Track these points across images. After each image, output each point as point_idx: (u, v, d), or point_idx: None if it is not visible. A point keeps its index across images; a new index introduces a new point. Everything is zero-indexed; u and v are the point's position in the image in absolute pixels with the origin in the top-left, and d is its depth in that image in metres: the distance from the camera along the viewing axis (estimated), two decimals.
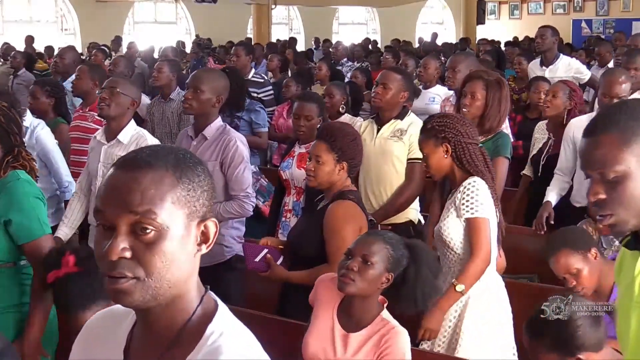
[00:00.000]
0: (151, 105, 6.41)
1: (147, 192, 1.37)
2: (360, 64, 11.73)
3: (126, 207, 1.37)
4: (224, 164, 4.12)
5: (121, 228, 1.37)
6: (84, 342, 1.59)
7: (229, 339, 1.40)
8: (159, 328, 1.44)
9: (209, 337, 1.40)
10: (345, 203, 3.46)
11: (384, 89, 4.64)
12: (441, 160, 3.45)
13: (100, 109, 4.23)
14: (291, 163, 4.72)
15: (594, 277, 3.24)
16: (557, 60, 7.18)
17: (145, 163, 1.40)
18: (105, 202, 1.39)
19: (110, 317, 1.57)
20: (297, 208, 4.63)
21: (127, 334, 1.50)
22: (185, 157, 1.44)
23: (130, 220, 1.37)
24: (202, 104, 4.21)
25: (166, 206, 1.38)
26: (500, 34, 20.35)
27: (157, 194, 1.38)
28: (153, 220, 1.37)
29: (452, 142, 3.43)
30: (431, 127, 3.48)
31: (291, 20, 23.47)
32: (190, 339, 1.41)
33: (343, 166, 3.52)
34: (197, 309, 1.44)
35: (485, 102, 4.32)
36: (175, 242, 1.39)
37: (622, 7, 22.99)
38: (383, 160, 4.55)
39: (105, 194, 1.40)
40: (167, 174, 1.39)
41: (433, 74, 6.84)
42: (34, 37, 14.95)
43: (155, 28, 21.00)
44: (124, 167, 1.41)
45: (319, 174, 3.50)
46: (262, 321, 3.43)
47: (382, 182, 4.55)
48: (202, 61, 13.11)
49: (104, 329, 1.56)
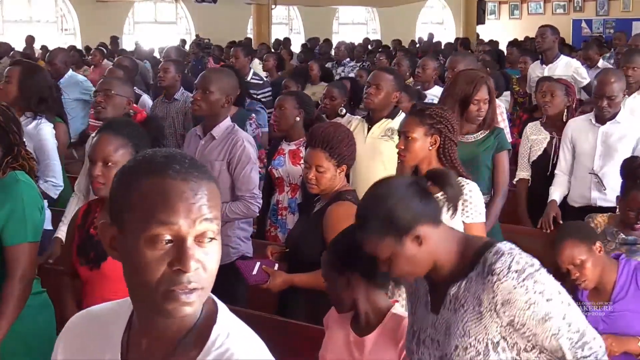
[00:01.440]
0: (154, 105, 6.40)
1: (213, 199, 1.38)
2: (362, 63, 11.74)
3: (196, 216, 1.35)
4: (231, 164, 4.11)
5: (188, 238, 1.35)
6: (68, 344, 1.57)
7: (236, 340, 1.40)
8: (163, 332, 1.42)
9: (215, 340, 1.39)
10: (344, 204, 3.45)
11: (376, 89, 4.66)
12: (424, 149, 3.39)
13: (97, 113, 4.21)
14: (283, 161, 4.71)
15: (596, 270, 3.29)
16: (557, 60, 7.19)
17: (202, 172, 1.39)
18: (169, 214, 1.34)
19: (90, 318, 1.56)
20: (292, 205, 4.62)
21: (120, 336, 1.47)
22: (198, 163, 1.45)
23: (203, 229, 1.36)
24: (212, 105, 4.21)
25: (219, 214, 1.40)
26: (500, 34, 20.33)
27: (217, 201, 1.40)
28: (216, 228, 1.38)
29: (442, 136, 3.40)
30: (428, 114, 3.42)
31: (291, 20, 23.47)
32: (195, 341, 1.40)
33: (343, 169, 3.52)
34: (202, 310, 1.43)
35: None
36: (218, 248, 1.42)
37: (622, 7, 22.98)
38: (373, 160, 4.56)
39: (169, 207, 1.34)
40: (213, 182, 1.41)
41: (431, 74, 6.79)
42: (34, 37, 14.95)
43: (155, 28, 21.00)
44: (180, 175, 1.36)
45: (321, 182, 3.48)
46: (262, 321, 3.43)
47: (372, 182, 4.53)
48: (202, 61, 13.11)
49: (87, 331, 1.53)
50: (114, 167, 2.82)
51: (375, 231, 2.16)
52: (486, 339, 2.08)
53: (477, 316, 2.09)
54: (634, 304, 3.28)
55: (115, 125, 3.01)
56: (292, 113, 4.77)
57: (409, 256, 2.14)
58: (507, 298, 2.03)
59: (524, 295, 2.03)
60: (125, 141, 2.88)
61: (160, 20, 21.47)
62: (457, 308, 2.13)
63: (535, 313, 2.05)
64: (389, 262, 2.17)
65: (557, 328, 2.08)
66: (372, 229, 2.17)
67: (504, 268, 2.04)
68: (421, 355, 2.24)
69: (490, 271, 2.05)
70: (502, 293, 2.03)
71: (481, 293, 2.07)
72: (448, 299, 2.16)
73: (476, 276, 2.09)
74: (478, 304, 2.08)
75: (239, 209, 4.07)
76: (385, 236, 2.14)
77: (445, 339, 2.15)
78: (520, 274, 2.04)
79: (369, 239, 2.19)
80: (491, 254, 2.09)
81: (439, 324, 2.18)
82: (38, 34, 15.79)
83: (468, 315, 2.10)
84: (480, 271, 2.08)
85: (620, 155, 4.55)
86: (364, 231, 2.22)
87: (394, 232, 2.13)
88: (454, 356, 2.12)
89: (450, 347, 2.12)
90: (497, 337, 2.08)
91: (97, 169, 2.86)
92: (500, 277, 2.04)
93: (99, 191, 2.90)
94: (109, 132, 2.93)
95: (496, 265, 2.05)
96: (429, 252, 2.16)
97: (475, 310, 2.09)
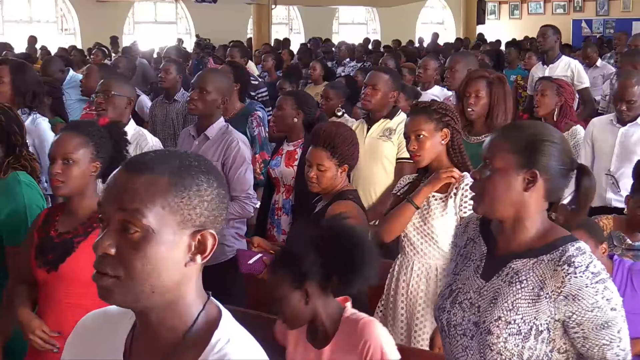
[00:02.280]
0: (153, 106, 6.39)
1: (139, 192, 1.38)
2: (362, 63, 11.73)
3: (117, 204, 1.38)
4: (226, 165, 4.12)
5: (112, 224, 1.39)
6: (77, 342, 1.58)
7: (235, 346, 1.40)
8: (159, 334, 1.43)
9: (215, 345, 1.40)
10: (346, 203, 3.45)
11: (373, 89, 4.68)
12: (437, 145, 3.39)
13: (98, 114, 4.19)
14: (280, 161, 4.72)
15: None
16: (557, 60, 7.17)
17: (146, 166, 1.41)
18: (103, 197, 1.42)
19: (104, 317, 1.57)
20: (287, 206, 4.63)
21: (125, 337, 1.49)
22: (190, 165, 1.43)
23: (119, 218, 1.38)
24: (208, 105, 4.21)
25: (155, 209, 1.38)
26: (500, 34, 20.34)
27: (147, 195, 1.38)
28: (139, 220, 1.37)
29: (450, 129, 3.40)
30: (434, 109, 3.41)
31: (291, 20, 23.46)
32: (195, 346, 1.41)
33: (345, 168, 3.52)
34: (199, 315, 1.43)
35: (489, 100, 4.35)
36: (162, 248, 1.38)
37: (622, 7, 22.97)
38: (372, 160, 4.57)
39: (105, 191, 1.43)
40: (162, 179, 1.40)
41: (432, 74, 6.80)
42: (36, 38, 14.95)
43: (155, 28, 20.99)
44: (127, 167, 1.42)
45: (322, 181, 3.49)
46: (262, 321, 3.43)
47: (371, 182, 4.56)
48: (203, 61, 13.10)
49: (98, 330, 1.55)
50: (74, 165, 2.81)
51: (510, 146, 2.12)
52: (533, 322, 2.06)
53: (533, 297, 2.06)
54: (629, 305, 3.26)
55: (78, 125, 3.02)
56: (290, 114, 4.75)
57: (512, 187, 2.11)
58: (575, 293, 2.02)
59: (592, 297, 2.02)
60: (86, 140, 2.86)
61: (160, 20, 21.47)
62: (514, 282, 2.09)
63: (597, 317, 2.04)
64: (485, 181, 2.12)
65: (610, 339, 2.06)
66: (511, 140, 2.14)
67: (582, 264, 2.04)
68: (453, 315, 2.20)
69: (569, 262, 2.04)
70: (572, 287, 2.02)
71: (548, 278, 2.05)
72: (506, 271, 2.12)
73: (549, 261, 2.07)
74: (540, 287, 2.06)
75: (235, 210, 4.08)
76: (514, 154, 2.11)
77: (488, 307, 2.11)
78: (596, 276, 2.03)
79: (501, 145, 2.14)
80: (574, 247, 2.08)
81: (486, 291, 2.14)
82: (38, 34, 15.79)
83: (524, 293, 2.07)
84: (556, 258, 2.06)
85: (638, 157, 4.53)
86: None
87: (524, 158, 2.10)
88: (492, 326, 2.08)
89: (492, 317, 2.09)
90: (544, 326, 2.06)
91: (57, 166, 2.84)
92: (577, 272, 2.03)
93: (58, 190, 2.87)
94: (70, 131, 2.92)
95: (576, 259, 2.04)
96: (527, 200, 2.12)
97: (534, 291, 2.06)
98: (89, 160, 2.84)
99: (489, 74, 4.49)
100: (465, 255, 2.29)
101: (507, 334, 2.07)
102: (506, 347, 2.07)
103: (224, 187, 1.47)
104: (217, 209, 1.44)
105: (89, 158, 2.84)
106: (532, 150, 2.12)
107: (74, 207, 2.86)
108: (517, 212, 2.13)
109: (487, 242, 2.22)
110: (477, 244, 2.25)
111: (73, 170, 2.81)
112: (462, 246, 2.32)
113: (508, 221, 2.15)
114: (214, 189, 1.44)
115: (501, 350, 2.07)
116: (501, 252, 2.17)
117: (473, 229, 2.30)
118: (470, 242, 2.28)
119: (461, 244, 2.32)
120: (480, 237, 2.25)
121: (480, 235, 2.26)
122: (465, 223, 2.36)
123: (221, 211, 1.46)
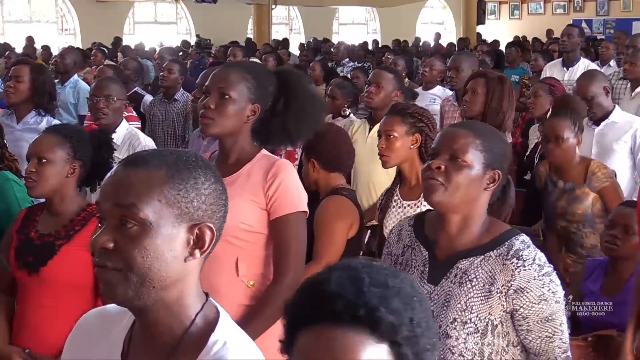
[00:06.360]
0: (152, 105, 6.38)
1: (135, 186, 1.39)
2: (362, 64, 11.72)
3: (114, 200, 1.39)
4: None
5: (109, 220, 1.39)
6: (77, 342, 1.58)
7: (232, 349, 1.39)
8: (157, 334, 1.42)
9: (212, 347, 1.39)
10: (338, 198, 3.45)
11: (377, 88, 4.68)
12: (405, 148, 3.39)
13: (98, 119, 4.14)
14: None
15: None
16: (577, 63, 7.09)
17: (142, 160, 1.41)
18: (100, 195, 1.43)
19: (102, 317, 1.56)
20: None
21: (123, 337, 1.48)
22: (188, 160, 1.44)
23: (116, 214, 1.38)
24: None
25: (152, 203, 1.38)
26: (500, 34, 20.34)
27: (144, 189, 1.38)
28: (135, 215, 1.37)
29: (423, 135, 3.40)
30: (410, 113, 3.42)
31: (291, 20, 23.48)
32: (192, 347, 1.40)
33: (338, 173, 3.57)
34: (197, 316, 1.43)
35: (485, 98, 4.32)
36: (160, 240, 1.38)
37: (622, 7, 22.99)
38: (373, 160, 4.55)
39: (102, 188, 1.44)
40: (159, 173, 1.40)
41: (437, 75, 6.81)
42: (34, 38, 14.95)
43: (155, 28, 21.01)
44: (124, 164, 1.43)
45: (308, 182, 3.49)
46: None
47: (372, 182, 4.55)
48: (203, 61, 13.11)
49: (97, 330, 1.54)
50: (49, 165, 2.79)
51: (482, 145, 2.13)
52: (488, 318, 2.07)
53: (485, 294, 2.07)
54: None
55: (57, 127, 3.02)
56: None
57: (477, 184, 2.11)
58: (523, 286, 2.04)
59: (539, 289, 2.04)
60: (62, 141, 2.84)
61: (160, 21, 21.49)
62: (464, 282, 2.09)
63: (543, 310, 2.05)
64: (454, 172, 2.10)
65: (553, 332, 2.09)
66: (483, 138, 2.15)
67: (529, 257, 2.05)
68: None
69: (517, 255, 2.05)
70: (521, 280, 2.04)
71: (497, 273, 2.06)
72: (454, 272, 2.12)
73: (496, 256, 2.08)
74: (490, 283, 2.07)
75: None
76: (485, 153, 2.12)
77: (441, 311, 2.10)
78: (542, 268, 2.06)
79: (473, 142, 2.13)
80: (518, 241, 2.09)
81: (437, 296, 2.12)
82: (38, 34, 15.83)
83: (475, 291, 2.08)
84: (504, 253, 2.07)
85: (618, 156, 4.53)
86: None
87: (493, 158, 2.13)
88: (449, 329, 2.08)
89: (447, 320, 2.08)
90: (497, 321, 2.08)
91: (31, 166, 2.82)
92: (525, 265, 2.04)
93: (31, 190, 2.84)
94: (48, 132, 2.92)
95: (524, 253, 2.06)
96: (482, 197, 2.13)
97: (485, 288, 2.07)
98: (64, 161, 2.82)
99: (491, 73, 4.49)
100: (404, 263, 2.24)
101: (466, 334, 2.07)
102: (467, 348, 2.07)
103: (221, 184, 1.47)
104: (214, 204, 1.44)
105: (65, 159, 2.82)
106: (500, 153, 2.15)
107: (54, 209, 2.84)
108: (470, 208, 2.13)
109: (426, 247, 2.20)
110: (415, 250, 2.22)
111: (47, 170, 2.79)
112: (399, 254, 2.27)
113: (457, 217, 2.14)
114: (211, 184, 1.44)
115: (462, 352, 2.08)
116: (444, 254, 2.16)
117: (408, 236, 2.26)
118: (407, 249, 2.25)
119: (397, 252, 2.27)
120: (418, 242, 2.22)
121: (418, 240, 2.23)
122: (398, 231, 2.32)
123: (219, 207, 1.45)
